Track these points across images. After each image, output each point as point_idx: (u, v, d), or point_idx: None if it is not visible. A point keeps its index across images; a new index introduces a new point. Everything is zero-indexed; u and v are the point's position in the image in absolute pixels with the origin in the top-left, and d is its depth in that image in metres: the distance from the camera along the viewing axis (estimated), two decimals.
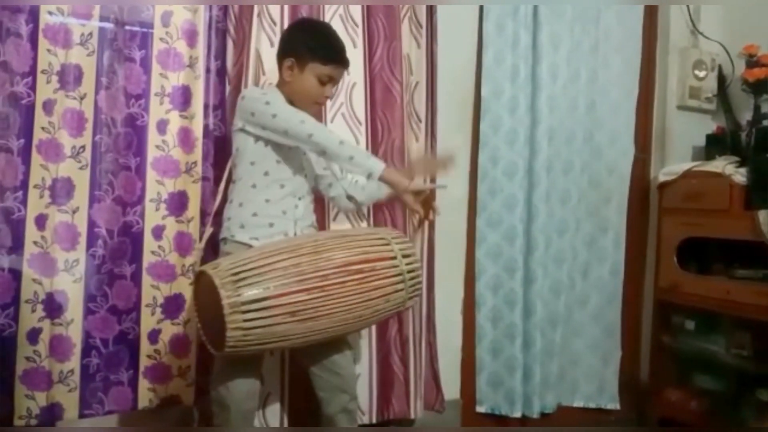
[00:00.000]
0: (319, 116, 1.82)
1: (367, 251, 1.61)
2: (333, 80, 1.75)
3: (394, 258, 1.63)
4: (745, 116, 2.65)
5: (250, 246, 1.67)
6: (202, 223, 2.01)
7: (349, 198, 1.92)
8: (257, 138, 1.68)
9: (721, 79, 2.80)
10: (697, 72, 2.76)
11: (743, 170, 2.35)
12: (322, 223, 2.04)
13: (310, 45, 1.72)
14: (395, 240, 1.67)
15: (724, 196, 2.38)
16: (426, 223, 1.94)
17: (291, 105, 1.71)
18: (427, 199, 1.76)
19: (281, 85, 1.77)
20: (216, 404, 1.70)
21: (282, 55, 1.76)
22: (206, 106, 2.03)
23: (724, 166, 2.41)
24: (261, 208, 1.69)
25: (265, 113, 1.64)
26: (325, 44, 1.74)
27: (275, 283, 1.48)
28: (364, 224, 2.17)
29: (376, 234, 1.70)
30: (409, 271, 1.65)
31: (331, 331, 1.58)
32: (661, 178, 2.66)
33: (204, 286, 1.53)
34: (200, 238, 1.94)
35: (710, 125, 2.79)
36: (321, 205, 2.05)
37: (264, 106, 1.65)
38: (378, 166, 1.62)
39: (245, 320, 1.45)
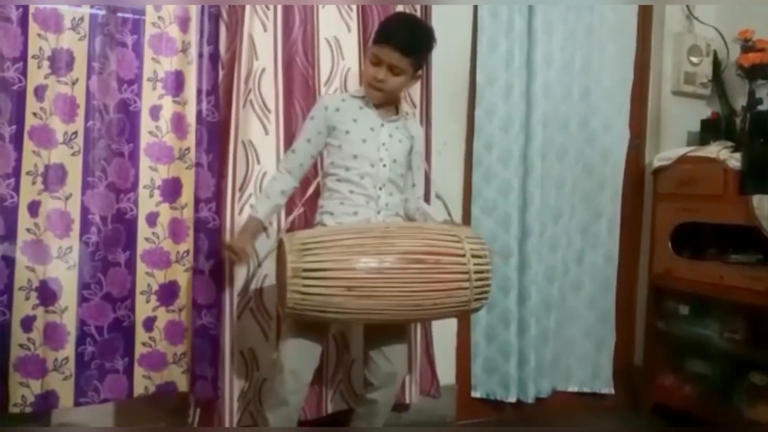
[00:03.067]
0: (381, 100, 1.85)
1: (434, 244, 1.65)
2: (380, 61, 1.76)
3: (463, 256, 1.65)
4: (740, 101, 2.65)
5: None
6: (196, 210, 2.00)
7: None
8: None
9: (716, 65, 2.80)
10: (692, 57, 2.76)
11: (738, 155, 2.36)
12: None
13: (375, 30, 1.86)
14: (469, 239, 1.69)
15: (719, 182, 2.39)
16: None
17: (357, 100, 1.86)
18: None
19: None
20: (275, 365, 1.76)
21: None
22: (199, 92, 2.01)
23: (718, 151, 2.41)
24: (346, 198, 1.80)
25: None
26: (381, 27, 1.85)
27: (335, 257, 1.58)
28: None
29: (451, 231, 1.72)
30: (477, 272, 1.66)
31: (388, 313, 1.63)
32: (656, 164, 2.67)
33: (280, 252, 1.68)
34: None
35: (705, 111, 2.79)
36: None
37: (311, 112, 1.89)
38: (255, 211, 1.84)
39: (305, 285, 1.56)
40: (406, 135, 1.88)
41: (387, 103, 1.86)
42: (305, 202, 1.94)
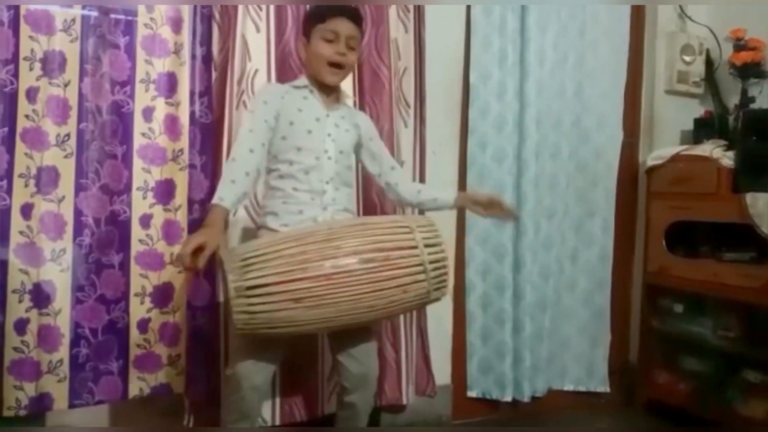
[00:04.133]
0: (339, 82, 1.78)
1: (382, 240, 1.57)
2: (338, 35, 1.69)
3: (415, 247, 1.58)
4: (733, 100, 2.67)
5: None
6: (190, 211, 2.00)
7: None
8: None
9: (709, 63, 2.81)
10: (684, 56, 2.77)
11: (731, 154, 2.37)
12: None
13: (310, 13, 1.76)
14: (420, 228, 1.61)
15: (712, 180, 2.39)
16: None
17: (315, 82, 1.74)
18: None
19: (305, 65, 1.79)
20: (229, 382, 1.71)
21: (298, 46, 1.82)
22: (192, 93, 2.01)
23: (711, 149, 2.42)
24: (289, 196, 1.71)
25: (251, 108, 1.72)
26: (320, 4, 1.73)
27: (278, 270, 1.49)
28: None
29: (401, 222, 1.64)
30: (432, 261, 1.59)
31: (342, 319, 1.55)
32: (649, 163, 2.67)
33: (222, 269, 1.59)
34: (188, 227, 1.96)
35: (698, 109, 2.80)
36: None
37: (253, 101, 1.74)
38: (219, 195, 1.57)
39: (249, 304, 1.47)
40: (352, 124, 1.81)
41: (330, 91, 1.77)
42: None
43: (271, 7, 2.05)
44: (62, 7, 1.87)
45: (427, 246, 1.59)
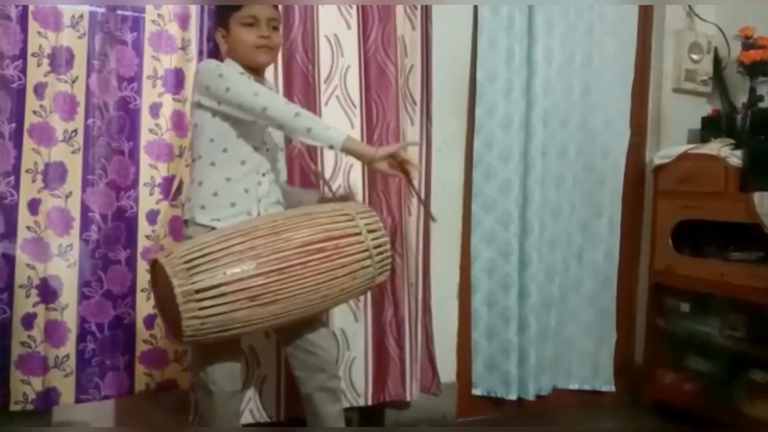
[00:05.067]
0: (271, 62, 1.74)
1: (330, 228, 1.55)
2: (258, 19, 1.62)
3: (359, 234, 1.57)
4: (741, 99, 2.65)
5: (212, 228, 1.59)
6: None
7: None
8: (215, 113, 1.59)
9: (717, 62, 2.80)
10: (692, 55, 2.75)
11: (738, 153, 2.36)
12: None
13: (222, 5, 1.67)
14: (360, 215, 1.61)
15: (719, 179, 2.38)
16: (417, 193, 1.82)
17: (245, 70, 1.64)
18: (401, 160, 1.63)
19: (229, 55, 1.68)
20: (199, 390, 1.66)
21: (215, 34, 1.71)
22: None
23: (719, 148, 2.41)
24: (221, 188, 1.61)
25: (219, 87, 1.56)
26: None
27: (230, 269, 1.43)
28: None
29: (341, 210, 1.62)
30: (376, 247, 1.59)
31: (297, 312, 1.53)
32: (656, 162, 2.66)
33: (159, 275, 1.49)
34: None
35: (706, 108, 2.79)
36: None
37: (218, 80, 1.56)
38: (338, 136, 1.54)
39: (201, 308, 1.41)
40: None
41: (260, 75, 1.71)
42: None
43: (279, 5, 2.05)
44: (70, 3, 1.87)
45: (369, 232, 1.60)
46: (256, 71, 1.67)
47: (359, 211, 1.63)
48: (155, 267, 1.51)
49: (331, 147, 1.55)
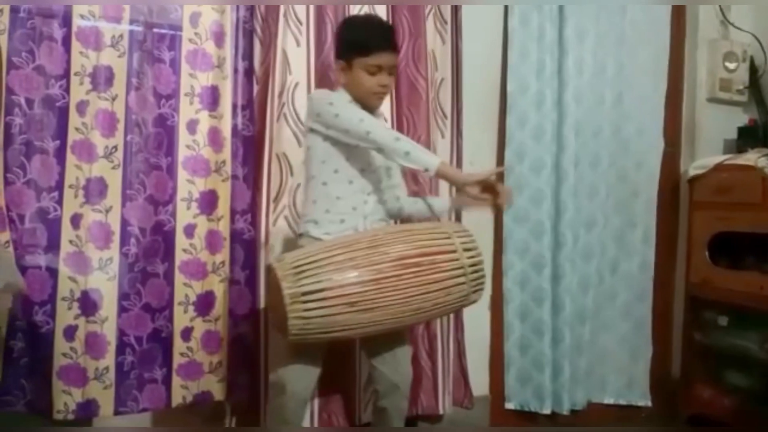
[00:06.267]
0: (380, 104, 1.82)
1: (426, 245, 1.63)
2: (382, 68, 1.73)
3: (455, 251, 1.64)
4: None
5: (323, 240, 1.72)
6: (232, 221, 2.04)
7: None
8: (325, 137, 1.72)
9: (753, 70, 2.75)
10: (727, 64, 2.72)
11: None
12: None
13: (350, 42, 1.75)
14: (457, 234, 1.67)
15: (757, 190, 2.34)
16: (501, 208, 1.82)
17: (356, 103, 1.75)
18: (491, 186, 1.68)
19: (345, 86, 1.79)
20: (273, 387, 1.74)
21: (335, 61, 1.82)
22: (234, 106, 2.05)
23: (756, 158, 2.37)
24: (332, 205, 1.75)
25: (329, 113, 1.69)
26: (362, 37, 1.74)
27: (332, 276, 1.55)
28: None
29: (439, 228, 1.71)
30: (471, 265, 1.65)
31: (391, 322, 1.61)
32: (692, 172, 2.62)
33: (271, 278, 1.63)
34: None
35: (742, 118, 2.75)
36: None
37: (328, 107, 1.70)
38: (433, 161, 1.63)
39: (305, 310, 1.52)
40: None
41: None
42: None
43: (311, 22, 2.09)
44: (110, 22, 1.93)
45: (465, 250, 1.65)
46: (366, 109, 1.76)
47: (456, 230, 1.70)
48: (269, 271, 1.65)
49: (426, 170, 1.64)
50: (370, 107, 1.76)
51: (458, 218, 2.21)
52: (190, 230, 2.02)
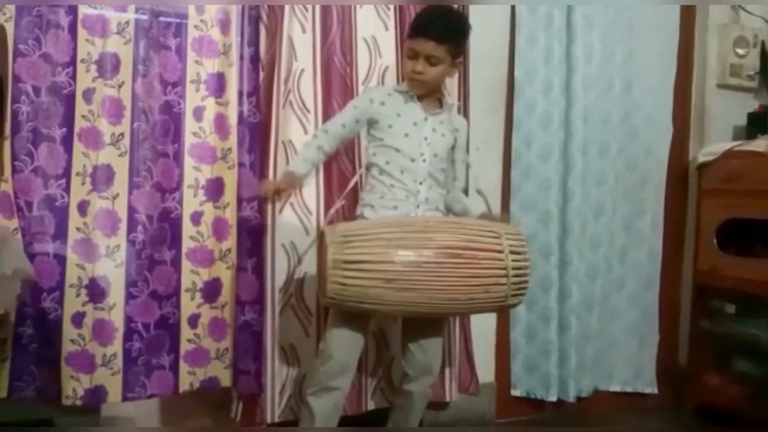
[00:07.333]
0: (424, 93, 1.87)
1: (473, 239, 1.67)
2: (416, 53, 1.78)
3: (501, 252, 1.67)
4: None
5: None
6: (239, 209, 2.04)
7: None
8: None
9: (764, 56, 2.72)
10: (738, 49, 2.69)
11: None
12: None
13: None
14: (507, 235, 1.70)
15: (767, 176, 2.32)
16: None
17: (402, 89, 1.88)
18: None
19: None
20: (320, 354, 1.80)
21: None
22: (240, 93, 2.04)
23: (766, 145, 2.35)
24: (386, 192, 1.83)
25: None
26: (413, 21, 1.86)
27: (375, 250, 1.61)
28: None
29: (490, 227, 1.73)
30: (515, 268, 1.67)
31: (425, 306, 1.66)
32: (701, 159, 2.61)
33: (322, 242, 1.71)
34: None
35: (752, 104, 2.72)
36: None
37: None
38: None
39: (344, 276, 1.60)
40: (450, 129, 1.89)
41: (430, 95, 1.87)
42: (346, 195, 1.97)
43: (317, 8, 2.08)
44: (116, 10, 1.92)
45: (512, 253, 1.69)
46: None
47: (508, 231, 1.73)
48: (322, 237, 1.72)
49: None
50: (412, 91, 1.84)
51: None
52: (196, 217, 2.02)
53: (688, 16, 2.71)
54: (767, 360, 2.39)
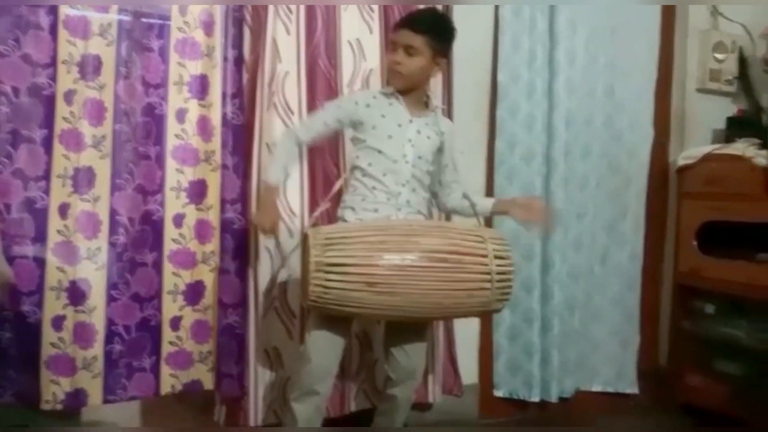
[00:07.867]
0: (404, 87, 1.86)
1: (458, 243, 1.66)
2: (395, 44, 1.80)
3: (485, 256, 1.66)
4: (767, 98, 2.61)
5: None
6: (222, 211, 2.03)
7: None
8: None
9: (743, 61, 2.76)
10: (717, 54, 2.73)
11: (765, 153, 2.33)
12: None
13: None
14: (492, 240, 1.70)
15: (745, 179, 2.36)
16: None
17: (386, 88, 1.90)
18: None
19: None
20: (301, 357, 1.79)
21: None
22: (224, 95, 2.04)
23: (745, 148, 2.38)
24: (367, 194, 1.82)
25: None
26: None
27: (358, 253, 1.61)
28: None
29: (475, 231, 1.74)
30: (499, 273, 1.67)
31: (408, 310, 1.65)
32: (681, 162, 2.64)
33: (305, 245, 1.71)
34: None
35: (731, 108, 2.76)
36: None
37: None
38: (265, 176, 1.89)
39: (326, 279, 1.58)
40: (436, 131, 1.88)
41: (415, 96, 1.86)
42: (331, 198, 1.95)
43: (302, 10, 2.08)
44: (99, 11, 1.91)
45: (496, 257, 1.68)
46: (412, 93, 1.85)
47: (492, 236, 1.73)
48: (305, 239, 1.71)
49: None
50: (392, 85, 1.85)
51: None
52: (179, 220, 2.01)
53: (668, 21, 2.74)
54: (747, 359, 2.43)
